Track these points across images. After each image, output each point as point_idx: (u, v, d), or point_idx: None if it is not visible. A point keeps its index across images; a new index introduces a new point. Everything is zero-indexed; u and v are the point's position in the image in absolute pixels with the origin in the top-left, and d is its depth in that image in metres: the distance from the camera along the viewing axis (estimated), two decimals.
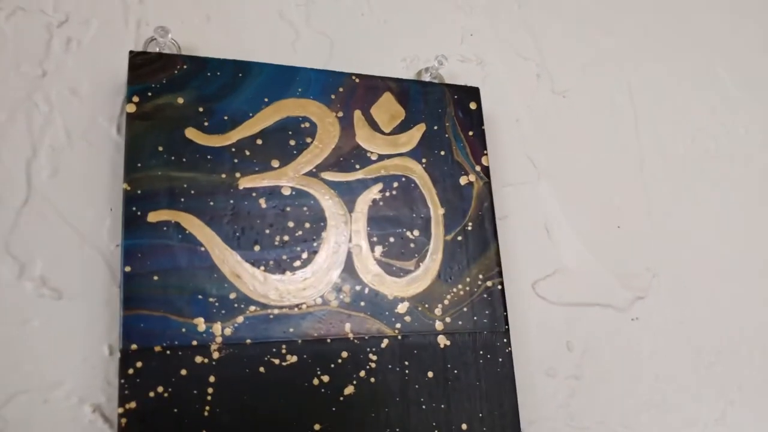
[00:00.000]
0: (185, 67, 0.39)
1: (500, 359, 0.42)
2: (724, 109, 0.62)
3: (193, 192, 0.37)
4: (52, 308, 0.37)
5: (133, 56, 0.38)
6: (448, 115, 0.46)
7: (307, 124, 0.41)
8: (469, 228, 0.44)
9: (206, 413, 0.34)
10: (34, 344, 0.36)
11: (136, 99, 0.38)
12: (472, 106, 0.47)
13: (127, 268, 0.35)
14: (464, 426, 0.40)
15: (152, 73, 0.38)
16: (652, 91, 0.59)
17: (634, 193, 0.55)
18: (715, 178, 0.59)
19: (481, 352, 0.42)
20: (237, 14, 0.46)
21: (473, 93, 0.47)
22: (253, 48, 0.46)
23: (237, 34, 0.46)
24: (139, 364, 0.34)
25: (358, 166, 0.42)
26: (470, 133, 0.46)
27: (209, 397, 0.35)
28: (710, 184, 0.59)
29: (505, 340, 0.42)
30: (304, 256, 0.39)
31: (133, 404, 0.33)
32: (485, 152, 0.46)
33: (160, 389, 0.34)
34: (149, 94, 0.38)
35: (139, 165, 0.37)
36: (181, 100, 0.39)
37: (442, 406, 0.40)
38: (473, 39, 0.53)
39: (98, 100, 0.41)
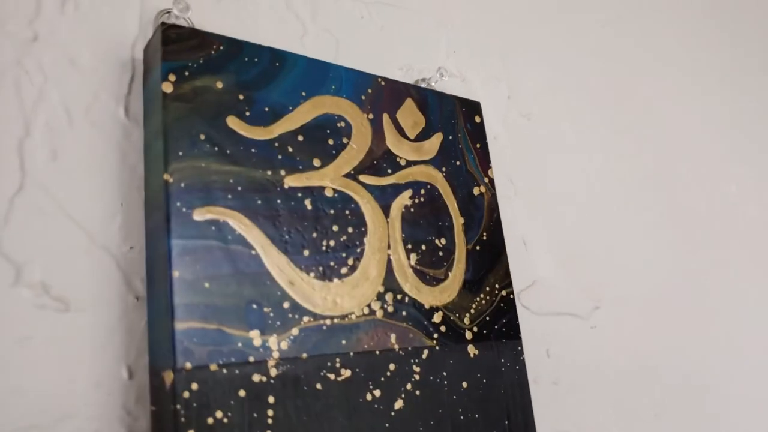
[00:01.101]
0: (221, 48, 0.35)
1: (517, 367, 0.43)
2: (671, 142, 0.71)
3: (239, 188, 0.33)
4: (56, 322, 0.30)
5: (166, 29, 0.33)
6: (460, 126, 0.46)
7: (343, 124, 0.39)
8: (485, 238, 0.45)
9: None
10: (35, 367, 0.29)
11: (172, 78, 0.33)
12: (477, 119, 0.48)
13: (176, 273, 0.30)
14: None
15: (188, 50, 0.34)
16: (603, 121, 0.66)
17: (588, 210, 0.61)
18: (653, 198, 0.67)
19: (502, 360, 0.42)
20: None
21: (477, 107, 0.48)
22: (264, 37, 0.42)
23: (246, 19, 0.42)
24: (194, 386, 0.29)
25: (390, 171, 0.41)
26: (477, 146, 0.47)
27: (270, 420, 0.31)
28: (649, 205, 0.67)
29: (519, 348, 0.44)
30: (350, 262, 0.37)
31: None
32: (490, 165, 0.47)
33: (219, 414, 0.29)
34: (186, 73, 0.33)
35: (180, 154, 0.32)
36: (220, 85, 0.34)
37: (476, 415, 0.40)
38: (456, 55, 0.55)
39: (101, 75, 0.35)
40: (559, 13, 0.67)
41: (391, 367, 0.36)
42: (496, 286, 0.44)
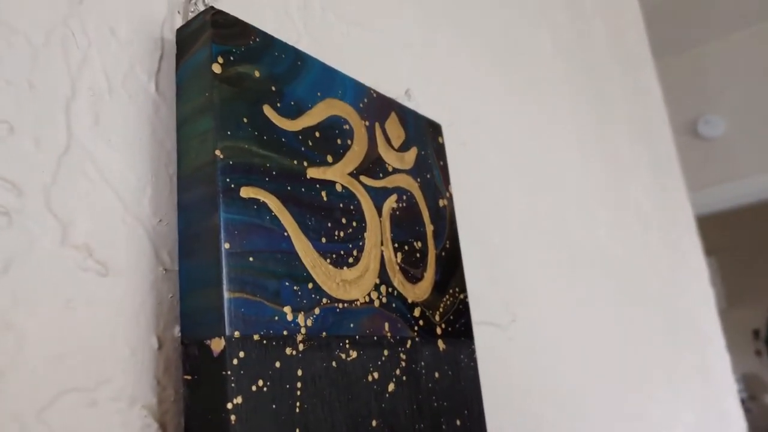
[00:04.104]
0: (258, 39, 0.39)
1: (471, 363, 0.50)
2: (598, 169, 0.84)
3: (274, 173, 0.37)
4: (96, 286, 0.31)
5: (215, 14, 0.36)
6: (429, 144, 0.53)
7: (348, 127, 0.44)
8: (447, 245, 0.52)
9: (297, 410, 0.34)
10: (81, 330, 0.30)
11: (221, 60, 0.36)
12: (440, 140, 0.55)
13: (226, 245, 0.32)
14: (458, 422, 0.46)
15: (233, 36, 0.37)
16: (529, 149, 0.77)
17: (510, 233, 0.71)
18: (561, 229, 0.79)
19: (461, 356, 0.49)
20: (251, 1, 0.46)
21: (439, 129, 0.56)
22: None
23: (253, 19, 0.45)
24: (241, 354, 0.32)
25: (381, 175, 0.46)
26: (441, 163, 0.54)
27: (299, 392, 0.34)
28: (557, 235, 0.79)
29: (473, 347, 0.51)
30: (355, 253, 0.41)
31: (239, 399, 0.31)
32: (450, 182, 0.55)
33: (260, 383, 0.32)
34: (231, 58, 0.36)
35: (229, 133, 0.35)
36: (257, 74, 0.38)
37: (445, 404, 0.46)
38: (415, 80, 0.62)
39: (136, 48, 0.36)
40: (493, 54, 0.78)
41: (385, 352, 0.41)
42: (457, 289, 0.51)
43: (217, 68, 0.35)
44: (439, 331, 0.47)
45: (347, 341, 0.38)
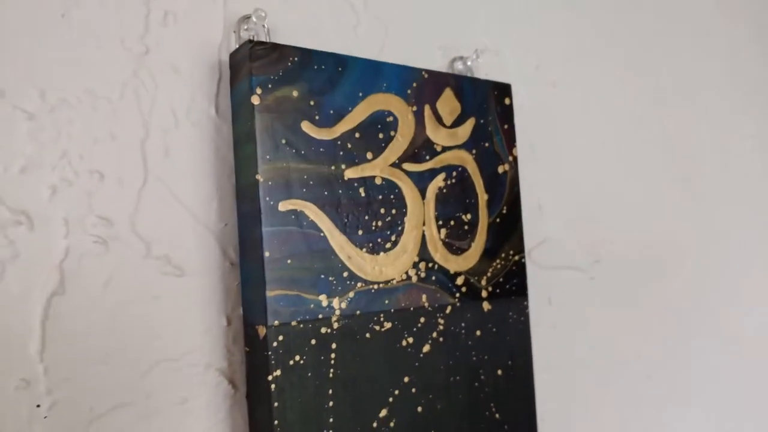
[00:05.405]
0: (296, 59, 0.44)
1: (522, 318, 0.56)
2: (700, 107, 0.80)
3: (311, 183, 0.44)
4: (176, 284, 0.42)
5: (252, 46, 0.42)
6: (491, 109, 0.56)
7: (391, 118, 0.49)
8: (504, 211, 0.56)
9: (331, 374, 0.44)
10: (167, 317, 0.42)
11: (259, 91, 0.42)
12: (507, 101, 0.57)
13: (267, 253, 0.41)
14: (499, 372, 0.53)
15: (270, 64, 0.43)
16: (622, 92, 0.74)
17: (598, 175, 0.71)
18: (657, 166, 0.77)
19: (510, 313, 0.55)
20: None
21: (507, 89, 0.57)
22: (324, 30, 0.51)
23: (308, 14, 0.50)
24: (281, 338, 0.42)
25: (428, 157, 0.51)
26: (505, 126, 0.57)
27: (332, 361, 0.44)
28: (651, 172, 0.77)
29: (525, 303, 0.56)
30: (393, 238, 0.48)
31: (278, 372, 0.41)
32: (515, 144, 0.57)
33: (297, 357, 0.42)
34: (269, 86, 0.43)
35: (268, 157, 0.42)
36: (295, 93, 0.44)
37: (486, 357, 0.53)
38: (491, 30, 0.63)
39: (196, 78, 0.44)
40: None
41: (422, 319, 0.49)
42: (511, 252, 0.56)
43: (255, 99, 0.42)
44: (485, 294, 0.53)
45: (381, 315, 0.47)
